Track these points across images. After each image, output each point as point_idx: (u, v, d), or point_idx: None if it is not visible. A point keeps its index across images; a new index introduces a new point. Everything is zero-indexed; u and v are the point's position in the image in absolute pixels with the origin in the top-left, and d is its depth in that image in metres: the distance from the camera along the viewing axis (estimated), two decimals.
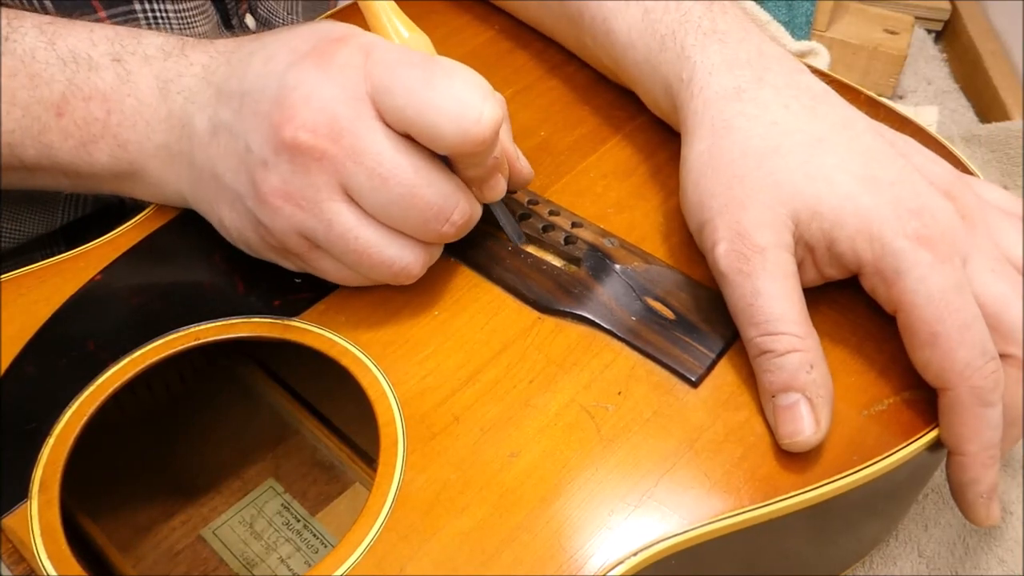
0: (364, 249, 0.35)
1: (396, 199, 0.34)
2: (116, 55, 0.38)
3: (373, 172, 0.33)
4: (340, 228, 0.34)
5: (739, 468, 0.34)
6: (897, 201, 0.35)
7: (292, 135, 0.33)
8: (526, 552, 0.31)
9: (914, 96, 0.92)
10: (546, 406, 0.35)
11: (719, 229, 0.36)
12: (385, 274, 0.36)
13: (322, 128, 0.33)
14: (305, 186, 0.34)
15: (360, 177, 0.34)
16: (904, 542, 0.45)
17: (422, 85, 0.33)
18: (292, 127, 0.33)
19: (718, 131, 0.38)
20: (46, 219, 0.50)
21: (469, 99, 0.32)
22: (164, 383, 0.46)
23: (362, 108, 0.33)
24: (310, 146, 0.33)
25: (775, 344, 0.34)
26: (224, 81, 0.36)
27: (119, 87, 0.38)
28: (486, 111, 0.33)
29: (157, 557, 0.42)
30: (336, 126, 0.33)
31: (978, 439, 0.35)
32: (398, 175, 0.33)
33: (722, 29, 0.41)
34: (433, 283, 0.40)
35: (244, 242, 0.38)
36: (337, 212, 0.34)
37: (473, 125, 0.32)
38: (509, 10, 0.54)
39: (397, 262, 0.36)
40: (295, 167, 0.34)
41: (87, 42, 0.38)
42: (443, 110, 0.32)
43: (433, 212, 0.35)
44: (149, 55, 0.38)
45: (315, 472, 0.45)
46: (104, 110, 0.38)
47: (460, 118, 0.32)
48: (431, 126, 0.33)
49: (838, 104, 0.39)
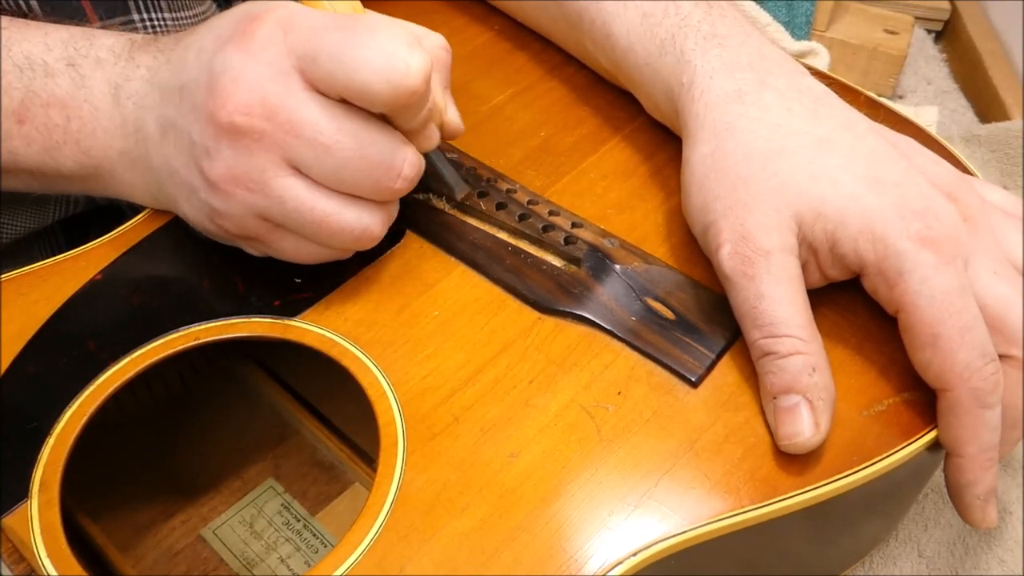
0: (322, 219, 0.35)
1: (343, 163, 0.34)
2: (70, 59, 0.38)
3: (315, 142, 0.33)
4: (293, 202, 0.35)
5: (739, 468, 0.34)
6: (901, 202, 0.35)
7: (228, 119, 0.33)
8: (526, 552, 0.31)
9: (914, 96, 0.92)
10: (546, 406, 0.35)
11: (723, 231, 0.36)
12: (348, 240, 0.36)
13: (255, 108, 0.33)
14: (250, 168, 0.34)
15: (303, 150, 0.34)
16: (904, 542, 0.45)
17: (345, 47, 0.32)
18: (226, 112, 0.33)
19: (721, 134, 0.38)
20: (39, 214, 0.50)
21: (394, 52, 0.32)
22: (164, 383, 0.46)
23: (290, 81, 0.33)
24: (247, 127, 0.33)
25: (778, 346, 0.34)
26: (166, 80, 0.37)
27: (75, 93, 0.38)
28: (413, 61, 0.32)
29: (157, 557, 0.42)
30: (268, 104, 0.33)
31: (977, 441, 0.35)
32: (340, 140, 0.34)
33: (722, 32, 0.41)
34: (433, 283, 0.40)
35: (207, 232, 0.38)
36: (287, 187, 0.34)
37: (403, 77, 0.32)
38: (508, 11, 0.54)
39: (357, 225, 0.36)
40: (237, 150, 0.34)
41: (42, 46, 0.38)
42: (370, 67, 0.32)
43: (383, 170, 0.35)
44: (101, 58, 0.38)
45: (315, 472, 0.45)
46: (63, 116, 0.38)
47: (388, 72, 0.32)
48: (361, 85, 0.33)
49: (840, 106, 0.39)
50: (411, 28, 0.38)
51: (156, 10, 0.46)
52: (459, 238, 0.41)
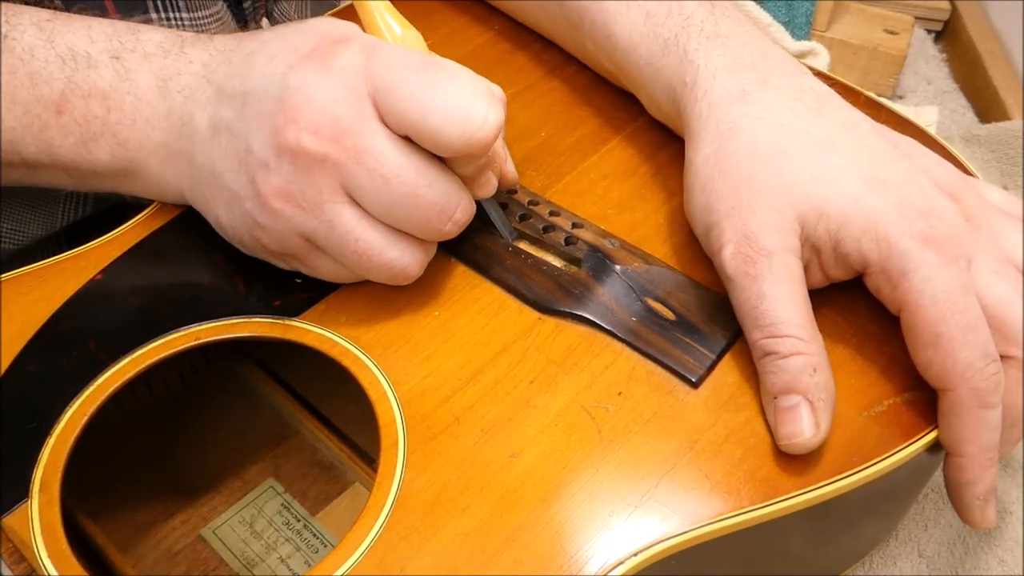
0: (365, 251, 0.35)
1: (399, 199, 0.34)
2: (115, 52, 0.38)
3: (375, 173, 0.33)
4: (341, 229, 0.35)
5: (739, 469, 0.34)
6: (903, 202, 0.35)
7: (295, 137, 0.33)
8: (527, 552, 0.31)
9: (914, 96, 0.93)
10: (547, 407, 0.35)
11: (726, 232, 0.36)
12: (384, 275, 0.36)
13: (325, 130, 0.33)
14: (307, 187, 0.34)
15: (362, 178, 0.34)
16: (904, 542, 0.45)
17: (426, 88, 0.33)
18: (295, 129, 0.33)
19: (724, 133, 0.38)
20: (47, 221, 0.50)
21: (473, 103, 0.33)
22: (164, 383, 0.46)
23: (364, 109, 0.33)
24: (313, 148, 0.33)
25: (779, 346, 0.35)
26: (225, 80, 0.36)
27: (118, 85, 0.38)
28: (491, 115, 0.33)
29: (157, 557, 0.42)
30: (338, 127, 0.33)
31: (977, 440, 0.35)
32: (401, 175, 0.34)
33: (725, 32, 0.41)
34: (434, 284, 0.40)
35: (239, 241, 0.38)
36: (339, 213, 0.34)
37: (478, 130, 0.33)
38: (508, 12, 0.54)
39: (397, 263, 0.36)
40: (297, 169, 0.34)
41: (86, 39, 0.38)
42: (447, 114, 0.33)
43: (436, 211, 0.35)
44: (148, 52, 0.38)
45: (315, 472, 0.45)
46: (103, 108, 0.38)
47: (464, 122, 0.33)
48: (435, 129, 0.33)
49: (842, 106, 0.39)
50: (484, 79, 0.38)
51: (174, 9, 0.46)
52: (459, 238, 0.41)
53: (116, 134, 0.38)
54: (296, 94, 0.34)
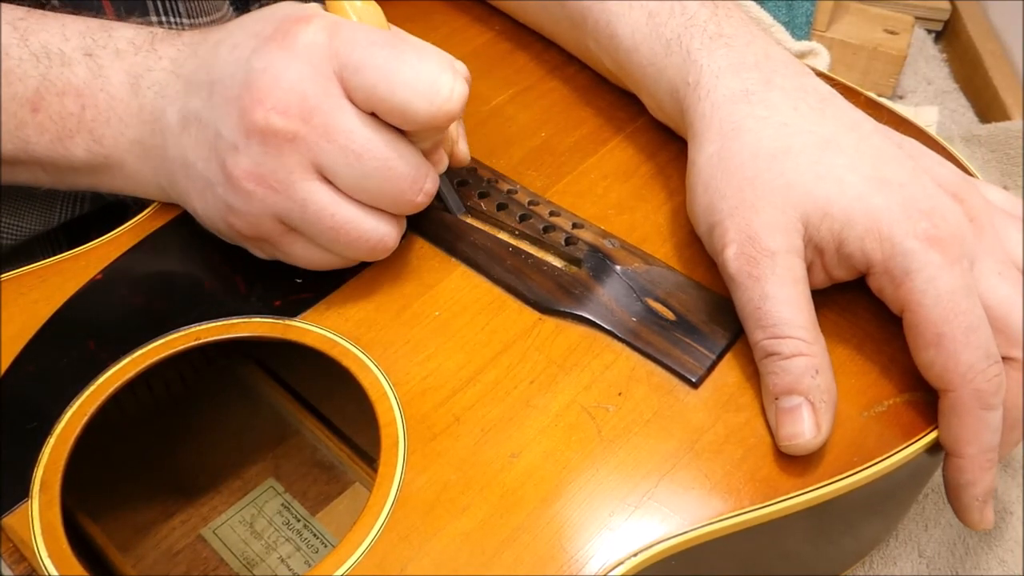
0: (340, 225, 0.35)
1: (371, 173, 0.34)
2: (88, 49, 0.38)
3: (347, 149, 0.34)
4: (315, 207, 0.35)
5: (739, 469, 0.34)
6: (907, 202, 0.35)
7: (263, 117, 0.33)
8: (527, 552, 0.31)
9: (914, 96, 0.92)
10: (547, 407, 0.35)
11: (729, 232, 0.36)
12: (363, 249, 0.37)
13: (293, 109, 0.33)
14: (277, 168, 0.34)
15: (334, 155, 0.34)
16: (904, 542, 0.45)
17: (393, 63, 0.33)
18: (263, 109, 0.33)
19: (727, 133, 0.38)
20: (44, 216, 0.49)
21: (439, 76, 0.33)
22: (164, 383, 0.46)
23: (330, 87, 0.34)
24: (282, 127, 0.33)
25: (781, 347, 0.35)
26: (193, 73, 0.37)
27: (91, 82, 0.38)
28: (456, 88, 0.33)
29: (157, 557, 0.42)
30: (306, 106, 0.33)
31: (977, 441, 0.35)
32: (371, 150, 0.34)
33: (728, 32, 0.41)
34: (434, 284, 0.40)
35: (215, 230, 0.38)
36: (311, 191, 0.34)
37: (445, 102, 0.33)
38: (509, 11, 0.54)
39: (373, 234, 0.36)
40: (267, 149, 0.34)
41: (59, 36, 0.38)
42: (415, 88, 0.33)
43: (408, 183, 0.35)
44: (120, 49, 0.38)
45: (315, 472, 0.45)
46: (78, 105, 0.38)
47: (432, 95, 0.33)
48: (403, 103, 0.33)
49: (845, 107, 0.39)
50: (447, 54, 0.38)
51: (175, 14, 0.46)
52: (459, 239, 0.41)
53: (92, 131, 0.38)
54: (262, 75, 0.34)
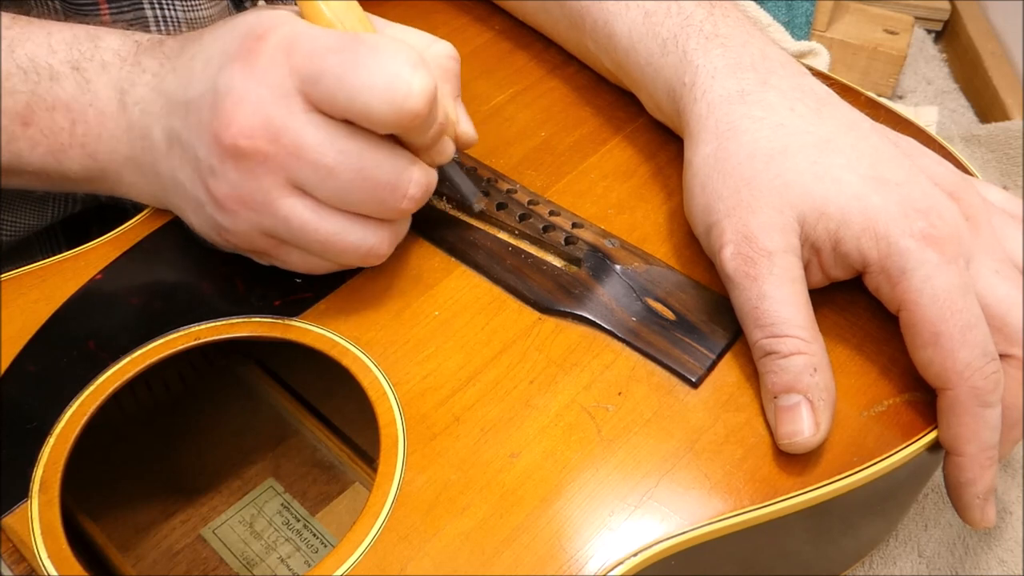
0: (326, 238, 0.35)
1: (347, 185, 0.34)
2: (75, 62, 0.38)
3: (318, 164, 0.33)
4: (298, 222, 0.35)
5: (739, 469, 0.34)
6: (904, 201, 0.35)
7: (231, 141, 0.33)
8: (527, 552, 0.31)
9: (914, 96, 0.93)
10: (547, 406, 0.35)
11: (726, 232, 0.36)
12: (354, 258, 0.37)
13: (258, 131, 0.33)
14: (255, 189, 0.34)
15: (306, 172, 0.34)
16: (904, 542, 0.45)
17: (348, 69, 0.32)
18: (230, 134, 0.33)
19: (723, 134, 0.38)
20: (38, 212, 0.49)
21: (396, 74, 0.32)
22: (164, 383, 0.46)
23: (293, 103, 0.33)
24: (250, 150, 0.33)
25: (780, 346, 0.35)
26: (173, 90, 0.36)
27: (79, 97, 0.38)
28: (415, 83, 0.32)
29: (157, 557, 0.42)
30: (271, 127, 0.33)
31: (977, 440, 0.35)
32: (343, 162, 0.33)
33: (724, 33, 0.41)
34: (433, 283, 0.40)
35: (213, 243, 0.38)
36: (291, 207, 0.34)
37: (404, 100, 0.32)
38: (509, 11, 0.54)
39: (363, 244, 0.36)
40: (241, 172, 0.34)
41: (46, 48, 0.38)
42: (371, 91, 0.32)
43: (388, 191, 0.35)
44: (106, 61, 0.38)
45: (315, 472, 0.45)
46: (68, 120, 0.38)
47: (391, 95, 0.32)
48: (363, 108, 0.33)
49: (843, 106, 0.39)
50: (418, 38, 0.38)
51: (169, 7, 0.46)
52: (459, 238, 0.41)
53: (84, 146, 0.38)
54: (226, 98, 0.33)
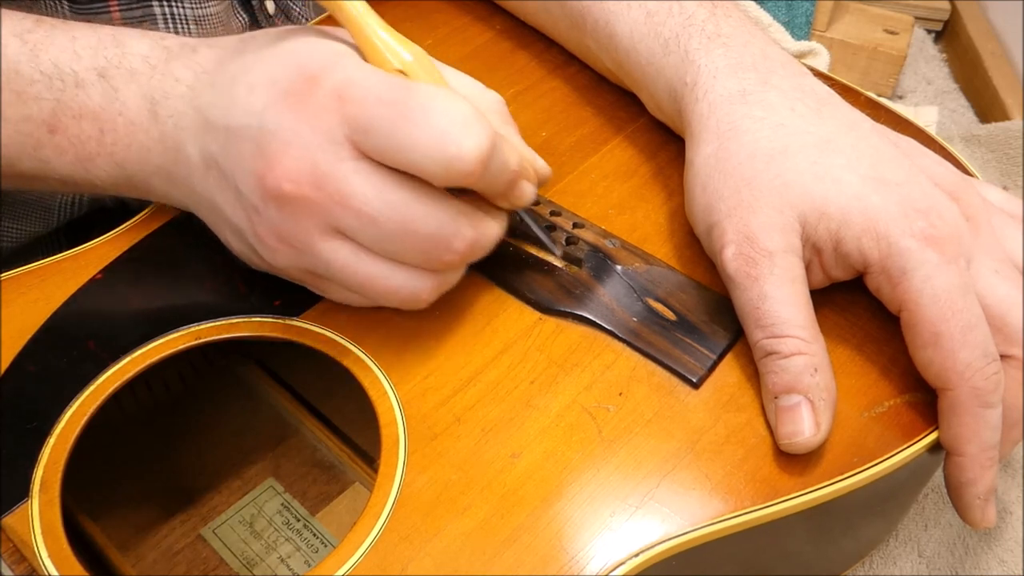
0: (367, 281, 0.35)
1: (389, 236, 0.33)
2: (101, 69, 0.37)
3: (361, 213, 0.33)
4: (339, 264, 0.34)
5: (740, 469, 0.34)
6: (904, 201, 0.35)
7: (275, 185, 0.33)
8: (528, 553, 0.31)
9: (914, 96, 0.93)
10: (547, 407, 0.35)
11: (727, 232, 0.36)
12: (394, 301, 0.36)
13: (304, 177, 0.33)
14: (297, 231, 0.34)
15: (349, 219, 0.33)
16: (904, 542, 0.45)
17: (399, 124, 0.32)
18: (274, 177, 0.33)
19: (724, 134, 0.38)
20: (44, 218, 0.49)
21: (447, 132, 0.31)
22: (164, 383, 0.46)
23: (341, 151, 0.33)
24: (295, 195, 0.33)
25: (780, 346, 0.35)
26: (209, 108, 0.36)
27: (108, 106, 0.37)
28: (466, 142, 0.31)
29: (157, 556, 0.42)
30: (317, 172, 0.33)
31: (977, 440, 0.35)
32: (386, 213, 0.33)
33: (726, 32, 0.41)
34: None
35: (252, 264, 0.38)
36: (333, 250, 0.34)
37: (455, 160, 0.31)
38: (510, 11, 0.54)
39: (404, 290, 0.35)
40: (283, 214, 0.33)
41: (70, 54, 0.37)
42: (422, 149, 0.31)
43: (431, 244, 0.34)
44: (134, 68, 0.37)
45: (315, 472, 0.45)
46: (97, 129, 0.37)
47: (440, 154, 0.31)
48: (415, 165, 0.32)
49: (843, 106, 0.39)
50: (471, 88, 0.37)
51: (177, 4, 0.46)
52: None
53: (113, 155, 0.37)
54: (273, 140, 0.33)
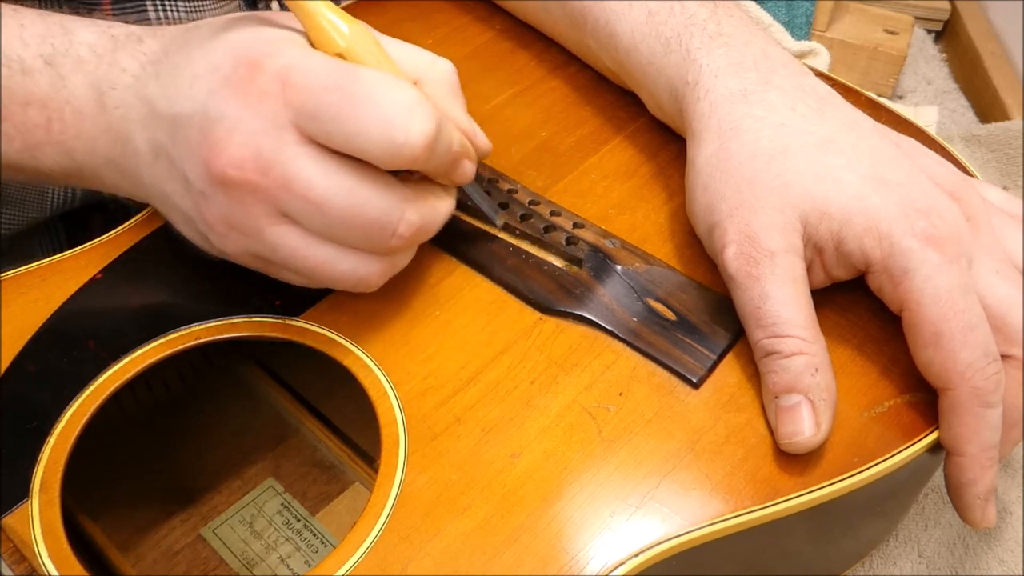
0: (316, 266, 0.35)
1: (335, 220, 0.33)
2: (48, 57, 0.37)
3: (306, 199, 0.33)
4: (286, 250, 0.34)
5: (740, 469, 0.34)
6: (905, 201, 0.35)
7: (221, 171, 0.33)
8: (528, 553, 0.31)
9: (914, 96, 0.93)
10: (547, 407, 0.35)
11: (728, 232, 0.36)
12: (343, 286, 0.36)
13: (248, 163, 0.33)
14: (244, 216, 0.34)
15: (294, 204, 0.33)
16: (904, 542, 0.45)
17: (343, 109, 0.32)
18: (220, 163, 0.33)
19: (725, 133, 0.38)
20: (38, 204, 0.49)
21: (392, 119, 0.32)
22: (164, 383, 0.46)
23: (286, 136, 0.33)
24: (240, 180, 0.33)
25: (781, 346, 0.35)
26: (156, 98, 0.35)
27: (55, 94, 0.36)
28: (412, 128, 0.32)
29: (157, 556, 0.42)
30: (262, 159, 0.33)
31: (977, 440, 0.35)
32: (330, 199, 0.33)
33: (727, 32, 0.41)
34: (434, 283, 0.40)
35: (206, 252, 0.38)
36: (280, 235, 0.34)
37: (402, 146, 0.32)
38: (510, 10, 0.54)
39: (352, 275, 0.35)
40: (230, 200, 0.33)
41: (17, 40, 0.37)
42: (368, 134, 0.32)
43: (376, 228, 0.34)
44: (81, 57, 0.37)
45: (315, 472, 0.45)
46: (44, 117, 0.37)
47: (387, 140, 0.32)
48: (361, 149, 0.32)
49: (844, 106, 0.39)
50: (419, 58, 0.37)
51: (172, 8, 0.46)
52: (460, 238, 0.41)
53: (61, 143, 0.37)
54: (217, 127, 0.33)
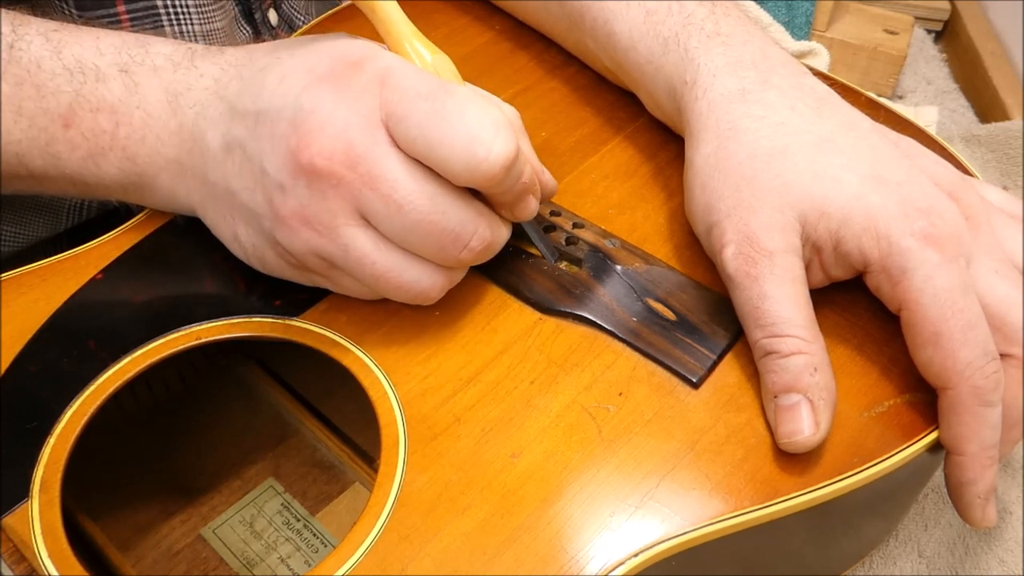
0: (381, 273, 0.35)
1: (412, 226, 0.34)
2: (123, 65, 0.37)
3: (389, 199, 0.33)
4: (357, 253, 0.34)
5: (740, 469, 0.34)
6: (904, 200, 0.35)
7: (309, 160, 0.33)
8: (527, 553, 0.31)
9: (914, 96, 0.93)
10: (547, 407, 0.35)
11: (727, 232, 0.36)
12: (403, 296, 0.36)
13: (339, 155, 0.33)
14: (322, 211, 0.34)
15: (376, 204, 0.33)
16: (904, 542, 0.45)
17: (432, 119, 0.32)
18: (309, 153, 0.33)
19: (724, 133, 0.38)
20: (51, 222, 0.49)
21: (479, 135, 0.32)
22: (164, 383, 0.46)
23: (377, 135, 0.33)
24: (327, 172, 0.33)
25: (780, 346, 0.35)
26: (237, 97, 0.36)
27: (127, 99, 0.37)
28: (495, 147, 0.32)
29: (157, 556, 0.42)
30: (352, 153, 0.33)
31: (977, 439, 0.35)
32: (413, 202, 0.33)
33: (725, 31, 0.41)
34: None
35: (259, 258, 0.38)
36: (353, 237, 0.34)
37: (482, 162, 0.32)
38: (509, 11, 0.54)
39: (415, 286, 0.36)
40: (312, 192, 0.33)
41: (94, 51, 0.37)
42: (452, 147, 0.32)
43: (450, 239, 0.34)
44: (158, 65, 0.38)
45: (315, 472, 0.45)
46: (112, 122, 0.37)
47: (469, 154, 0.32)
48: (441, 161, 0.32)
49: (842, 106, 0.39)
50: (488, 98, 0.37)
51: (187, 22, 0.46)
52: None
53: (125, 148, 0.38)
54: (310, 117, 0.33)
